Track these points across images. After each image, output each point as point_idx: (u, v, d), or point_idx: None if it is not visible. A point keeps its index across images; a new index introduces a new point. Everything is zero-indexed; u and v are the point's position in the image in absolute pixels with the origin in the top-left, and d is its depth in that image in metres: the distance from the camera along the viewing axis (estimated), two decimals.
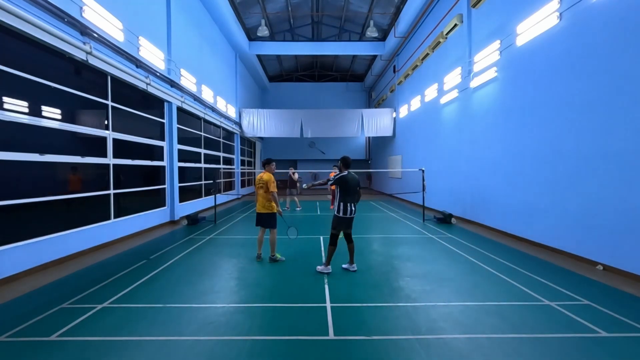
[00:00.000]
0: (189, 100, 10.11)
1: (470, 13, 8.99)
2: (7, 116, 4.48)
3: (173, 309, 3.53)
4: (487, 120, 8.19)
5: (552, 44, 5.94)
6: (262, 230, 5.45)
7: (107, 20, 6.33)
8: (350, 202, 4.60)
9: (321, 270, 4.71)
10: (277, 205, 5.22)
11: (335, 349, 2.74)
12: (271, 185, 5.12)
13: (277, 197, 5.21)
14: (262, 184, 5.16)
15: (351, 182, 4.61)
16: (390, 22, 15.05)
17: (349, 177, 4.61)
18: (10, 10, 4.21)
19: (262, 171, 5.36)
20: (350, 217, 4.64)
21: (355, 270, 4.78)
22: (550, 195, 5.99)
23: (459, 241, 6.74)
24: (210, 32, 12.52)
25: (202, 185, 12.03)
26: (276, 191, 5.19)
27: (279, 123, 17.07)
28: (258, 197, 5.29)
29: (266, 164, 5.41)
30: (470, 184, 9.05)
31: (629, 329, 3.07)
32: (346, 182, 4.58)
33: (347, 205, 4.58)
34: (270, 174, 5.26)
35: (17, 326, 3.12)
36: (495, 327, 3.11)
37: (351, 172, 4.70)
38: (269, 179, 5.14)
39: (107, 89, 6.55)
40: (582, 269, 4.88)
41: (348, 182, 4.58)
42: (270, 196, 5.14)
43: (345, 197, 4.59)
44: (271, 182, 5.13)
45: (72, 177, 5.64)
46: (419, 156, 13.46)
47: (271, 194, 5.13)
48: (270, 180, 5.14)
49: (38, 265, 4.87)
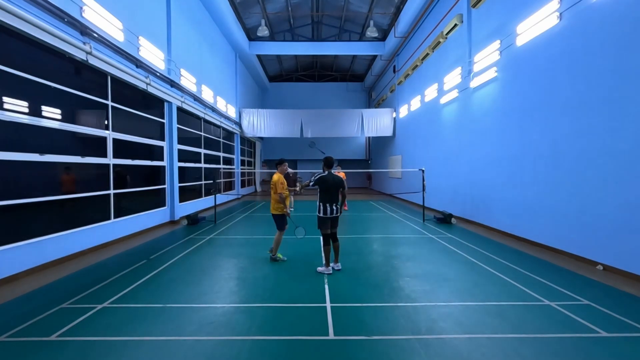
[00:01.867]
0: (189, 100, 10.11)
1: (470, 13, 8.99)
2: (7, 116, 4.48)
3: (173, 309, 3.53)
4: (487, 120, 8.19)
5: (552, 44, 5.94)
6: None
7: (107, 20, 6.33)
8: (330, 202, 4.65)
9: (322, 271, 4.72)
10: (285, 207, 5.21)
11: (335, 349, 2.74)
12: (279, 186, 5.14)
13: (285, 198, 5.20)
14: (272, 184, 5.21)
15: (330, 183, 4.65)
16: (390, 22, 15.05)
17: (328, 178, 4.67)
18: (10, 10, 4.21)
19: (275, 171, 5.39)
20: (332, 216, 4.68)
21: (339, 269, 4.82)
22: (550, 195, 5.99)
23: (459, 241, 6.74)
24: (210, 32, 12.52)
25: (202, 185, 12.03)
26: (284, 192, 5.21)
27: (279, 123, 17.07)
28: (271, 199, 5.34)
29: (278, 165, 5.44)
30: (471, 184, 9.05)
31: (629, 329, 3.07)
32: (325, 182, 4.64)
33: (327, 206, 4.63)
34: (281, 174, 5.28)
35: (17, 326, 3.12)
36: (496, 327, 3.11)
37: (332, 173, 4.76)
38: (277, 180, 5.17)
39: (107, 89, 6.55)
40: (582, 269, 4.88)
41: (327, 183, 4.64)
42: (279, 197, 5.16)
43: (324, 197, 4.65)
44: (279, 183, 5.16)
45: (66, 177, 5.56)
46: (419, 156, 13.46)
47: (279, 195, 5.15)
48: (278, 181, 5.17)
49: (38, 265, 4.87)
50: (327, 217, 4.65)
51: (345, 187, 4.88)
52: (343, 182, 4.80)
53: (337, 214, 4.71)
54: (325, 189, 4.65)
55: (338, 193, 4.74)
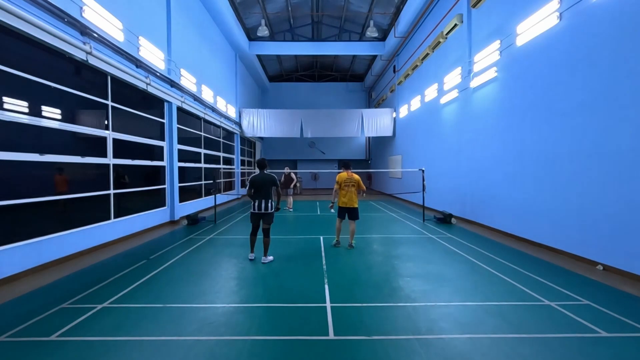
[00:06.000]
0: (189, 100, 10.11)
1: (470, 13, 8.99)
2: (7, 116, 4.48)
3: (173, 309, 3.53)
4: (487, 120, 8.19)
5: (552, 44, 5.94)
6: (341, 221, 6.24)
7: (107, 20, 6.33)
8: (257, 198, 5.19)
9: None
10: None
11: (335, 349, 2.74)
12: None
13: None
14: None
15: (259, 182, 5.21)
16: (390, 22, 15.05)
17: (258, 177, 5.25)
18: (10, 10, 4.21)
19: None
20: (257, 212, 5.22)
21: (265, 262, 5.21)
22: (550, 195, 5.99)
23: (459, 241, 6.74)
24: (210, 32, 12.52)
25: (202, 185, 12.03)
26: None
27: (279, 123, 17.06)
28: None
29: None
30: (471, 184, 9.05)
31: (629, 329, 3.07)
32: (254, 182, 5.23)
33: (254, 202, 5.22)
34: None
35: (17, 326, 3.12)
36: (496, 327, 3.11)
37: (264, 173, 5.31)
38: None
39: (107, 89, 6.55)
40: (582, 269, 4.88)
41: (256, 182, 5.22)
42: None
43: (253, 195, 5.23)
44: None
45: (58, 178, 5.48)
46: (419, 156, 13.45)
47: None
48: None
49: (38, 265, 4.87)
50: (254, 213, 5.27)
51: (277, 184, 5.47)
52: (272, 180, 5.28)
53: (263, 210, 5.18)
54: (253, 188, 5.24)
55: (269, 191, 5.26)
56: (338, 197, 6.27)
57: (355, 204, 6.11)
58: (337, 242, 6.31)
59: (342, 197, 6.16)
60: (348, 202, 6.09)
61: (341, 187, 6.14)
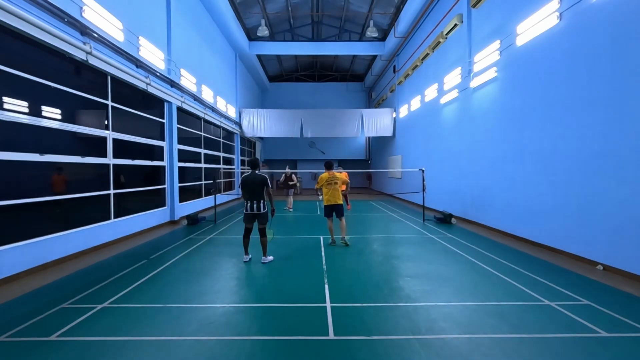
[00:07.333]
0: (189, 100, 10.11)
1: (470, 13, 8.98)
2: (7, 116, 4.48)
3: (173, 309, 3.53)
4: (487, 120, 8.19)
5: (552, 44, 5.94)
6: (331, 220, 6.41)
7: (107, 20, 6.33)
8: (249, 199, 5.16)
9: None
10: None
11: (335, 349, 2.74)
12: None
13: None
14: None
15: (249, 182, 5.14)
16: (390, 22, 15.05)
17: (248, 178, 5.17)
18: (10, 10, 4.21)
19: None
20: (250, 213, 5.17)
21: (265, 262, 5.21)
22: (550, 195, 5.99)
23: (459, 241, 6.74)
24: (210, 32, 12.52)
25: (202, 185, 12.03)
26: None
27: (279, 123, 17.06)
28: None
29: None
30: (471, 184, 9.05)
31: (629, 329, 3.07)
32: (245, 182, 5.18)
33: (247, 202, 5.19)
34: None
35: (17, 326, 3.12)
36: (496, 327, 3.11)
37: (254, 173, 5.20)
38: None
39: (107, 89, 6.55)
40: (582, 269, 4.88)
41: (247, 182, 5.16)
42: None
43: (245, 195, 5.21)
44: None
45: (57, 178, 5.47)
46: (419, 156, 13.45)
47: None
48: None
49: (38, 265, 4.87)
50: (246, 213, 5.22)
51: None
52: (262, 180, 5.16)
53: (256, 210, 5.14)
54: (244, 188, 5.19)
55: (260, 191, 5.16)
56: (323, 196, 6.49)
57: (339, 200, 6.35)
58: (333, 241, 6.47)
59: (326, 195, 6.39)
60: (332, 199, 6.33)
61: (324, 186, 6.38)
